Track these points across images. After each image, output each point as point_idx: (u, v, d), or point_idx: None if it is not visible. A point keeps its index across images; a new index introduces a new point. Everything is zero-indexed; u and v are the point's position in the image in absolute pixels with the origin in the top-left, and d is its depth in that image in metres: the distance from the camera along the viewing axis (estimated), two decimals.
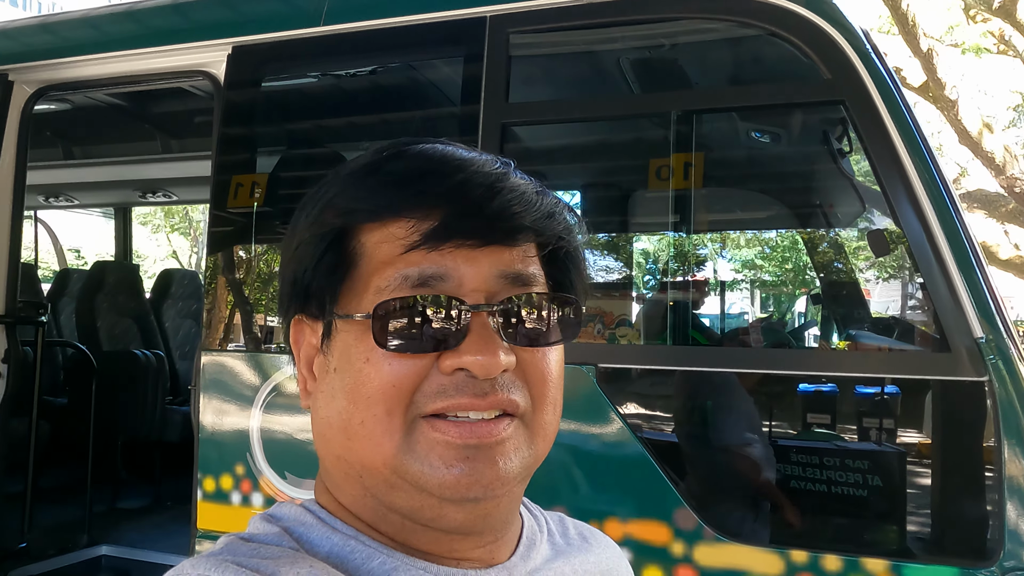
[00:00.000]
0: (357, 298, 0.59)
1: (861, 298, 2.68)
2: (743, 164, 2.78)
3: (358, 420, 0.58)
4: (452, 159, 0.60)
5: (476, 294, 0.58)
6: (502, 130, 2.15)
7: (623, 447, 1.98)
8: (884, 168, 1.84)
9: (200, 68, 2.60)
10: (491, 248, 0.58)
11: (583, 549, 0.74)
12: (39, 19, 3.16)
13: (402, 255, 0.57)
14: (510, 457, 0.58)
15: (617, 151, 2.67)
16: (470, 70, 2.25)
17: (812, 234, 2.94)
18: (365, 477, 0.59)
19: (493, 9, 2.21)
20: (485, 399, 0.57)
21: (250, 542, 0.58)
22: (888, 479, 1.91)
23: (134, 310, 4.61)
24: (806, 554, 1.82)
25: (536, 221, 0.59)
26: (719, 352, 2.25)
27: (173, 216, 22.92)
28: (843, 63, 1.89)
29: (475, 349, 0.56)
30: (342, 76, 2.68)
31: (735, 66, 2.39)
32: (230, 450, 2.35)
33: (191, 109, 3.89)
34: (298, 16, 2.47)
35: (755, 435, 2.02)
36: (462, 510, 0.58)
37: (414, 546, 0.60)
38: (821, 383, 2.05)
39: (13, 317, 2.80)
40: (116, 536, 3.49)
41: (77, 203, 5.37)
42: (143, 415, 3.97)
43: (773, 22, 1.96)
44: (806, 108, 2.29)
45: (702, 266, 4.45)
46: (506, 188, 0.59)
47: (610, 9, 2.12)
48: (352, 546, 0.59)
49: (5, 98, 2.82)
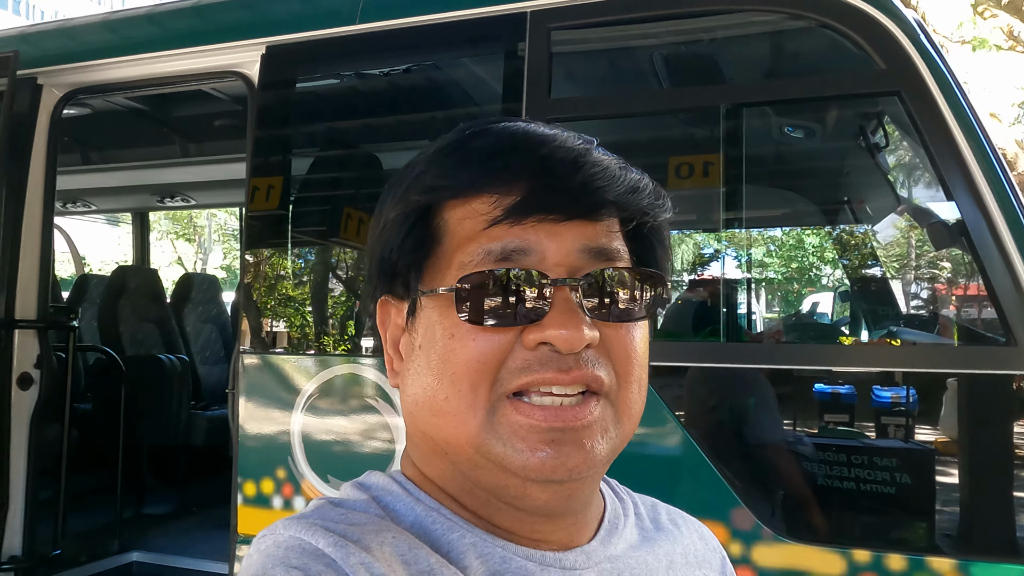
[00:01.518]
0: (441, 274, 0.59)
1: (919, 293, 2.65)
2: (792, 159, 2.75)
3: (443, 396, 0.58)
4: (535, 135, 0.60)
5: (559, 268, 0.57)
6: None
7: (677, 447, 1.95)
8: (943, 159, 1.81)
9: (233, 69, 2.58)
10: (574, 223, 0.58)
11: (672, 537, 0.72)
12: (68, 22, 3.15)
13: (485, 230, 0.57)
14: (598, 439, 0.57)
15: (661, 147, 2.64)
16: (511, 66, 2.22)
17: (867, 229, 2.91)
18: (451, 454, 0.60)
19: (534, 4, 2.18)
20: (569, 374, 0.56)
21: (339, 507, 0.59)
22: (952, 477, 1.88)
23: (155, 315, 4.59)
24: (869, 553, 1.79)
25: (619, 196, 0.59)
26: (774, 349, 2.22)
27: (177, 222, 22.95)
28: (899, 54, 1.86)
29: (558, 323, 0.55)
30: (378, 75, 2.65)
31: (783, 59, 2.36)
32: (271, 454, 2.32)
33: (211, 112, 3.87)
34: (333, 15, 2.45)
35: (813, 433, 1.99)
36: (546, 490, 0.57)
37: (497, 524, 0.61)
38: (880, 379, 2.02)
39: (45, 322, 2.78)
40: (145, 542, 3.47)
41: (95, 208, 5.36)
42: (169, 420, 3.95)
43: (826, 13, 1.93)
44: (854, 101, 2.25)
45: (755, 263, 4.43)
46: (589, 163, 0.58)
47: (655, 3, 2.09)
48: (434, 517, 0.60)
49: (35, 102, 2.80)
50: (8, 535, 2.66)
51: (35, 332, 2.74)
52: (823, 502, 1.98)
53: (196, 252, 25.19)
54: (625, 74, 2.56)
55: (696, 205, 2.51)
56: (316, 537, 0.54)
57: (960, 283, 2.49)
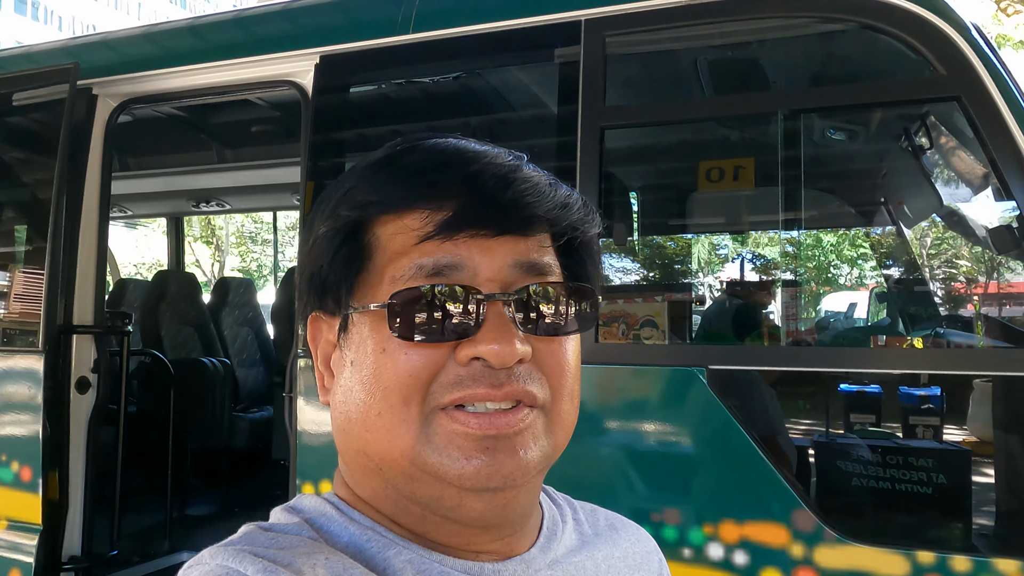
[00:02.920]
0: (372, 289, 0.59)
1: (978, 294, 2.65)
2: (847, 162, 2.76)
3: (375, 411, 0.58)
4: (466, 151, 0.60)
5: (491, 284, 0.58)
6: (600, 133, 2.15)
7: (737, 449, 1.97)
8: (1005, 162, 1.83)
9: (286, 78, 2.63)
10: (505, 238, 0.58)
11: (611, 541, 0.73)
12: (122, 32, 3.21)
13: (417, 245, 0.58)
14: (530, 446, 0.58)
15: (716, 151, 2.66)
16: (565, 74, 2.25)
17: (923, 231, 2.91)
18: (384, 470, 0.59)
19: (588, 13, 2.21)
20: (501, 389, 0.56)
21: (269, 531, 0.59)
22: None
23: (195, 319, 4.66)
24: (933, 555, 1.80)
25: (550, 211, 0.59)
26: (833, 352, 2.24)
27: (194, 226, 23.15)
28: (958, 58, 1.88)
29: (491, 338, 0.56)
30: (431, 83, 2.69)
31: (836, 65, 2.37)
32: (331, 456, 2.36)
33: (249, 119, 3.93)
34: (386, 24, 2.49)
35: (874, 435, 2.00)
36: (481, 500, 0.57)
37: (433, 538, 0.60)
38: (933, 382, 2.03)
39: (102, 327, 2.84)
40: (193, 542, 3.52)
41: (130, 214, 5.43)
42: (212, 423, 4.01)
43: (884, 19, 1.95)
44: (910, 106, 2.27)
45: (815, 265, 4.42)
46: (519, 179, 0.59)
47: (711, 10, 2.11)
48: (369, 536, 0.59)
49: (90, 112, 2.86)
50: (68, 536, 2.72)
51: (92, 337, 2.80)
52: (886, 504, 1.99)
53: (213, 255, 25.40)
54: (677, 81, 2.58)
55: (752, 207, 2.52)
56: (244, 564, 0.52)
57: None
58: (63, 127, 2.69)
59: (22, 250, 2.97)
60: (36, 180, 3.09)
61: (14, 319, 2.88)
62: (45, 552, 2.62)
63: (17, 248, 3.04)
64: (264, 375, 4.97)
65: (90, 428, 2.78)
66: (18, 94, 2.98)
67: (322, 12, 2.74)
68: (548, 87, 2.35)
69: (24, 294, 2.88)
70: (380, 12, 2.58)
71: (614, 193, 2.95)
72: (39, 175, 3.05)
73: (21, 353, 2.72)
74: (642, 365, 2.10)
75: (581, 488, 1.97)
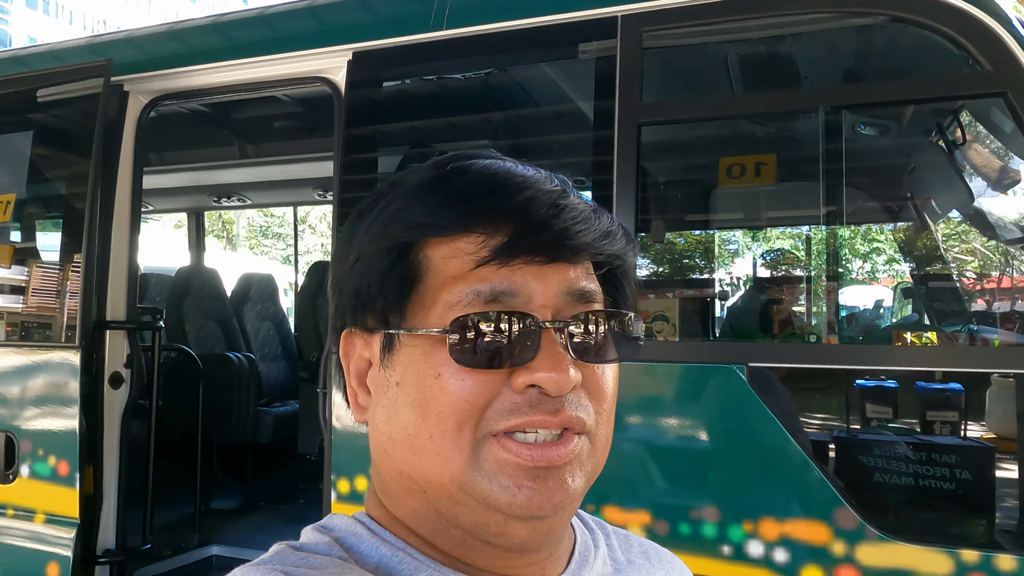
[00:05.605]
0: (424, 312, 0.59)
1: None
2: (889, 157, 2.74)
3: (426, 435, 0.57)
4: (516, 176, 0.61)
5: (544, 310, 0.58)
6: (638, 130, 2.14)
7: (778, 447, 1.96)
8: None
9: (319, 74, 2.63)
10: (557, 265, 0.59)
11: (644, 570, 0.73)
12: (152, 29, 3.21)
13: (472, 270, 0.57)
14: (577, 474, 0.58)
15: (753, 147, 2.65)
16: (602, 70, 2.24)
17: (969, 228, 2.89)
18: (429, 492, 0.59)
19: (625, 9, 2.20)
20: (556, 416, 0.57)
21: (300, 551, 0.59)
22: None
23: (218, 313, 4.68)
24: (977, 554, 1.79)
25: (596, 240, 0.60)
26: (875, 351, 2.23)
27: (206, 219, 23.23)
28: (1005, 55, 1.86)
29: (548, 366, 0.56)
30: (464, 79, 2.69)
31: (877, 60, 2.36)
32: (366, 452, 2.37)
33: (271, 114, 3.94)
34: (419, 20, 2.48)
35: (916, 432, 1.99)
36: (527, 527, 0.58)
37: (470, 562, 0.60)
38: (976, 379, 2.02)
39: (135, 323, 2.86)
40: (222, 536, 3.55)
41: (151, 209, 5.46)
42: (238, 417, 4.04)
43: (926, 13, 1.93)
44: (952, 102, 2.25)
45: (860, 262, 4.40)
46: (568, 206, 0.59)
47: (749, 4, 2.10)
48: (400, 557, 0.59)
49: (122, 108, 2.87)
50: (103, 529, 2.75)
51: (124, 333, 2.82)
52: (930, 503, 1.99)
53: (224, 248, 25.53)
54: (715, 76, 2.57)
55: (793, 201, 2.51)
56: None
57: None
58: (97, 124, 2.70)
59: (56, 246, 2.99)
60: (67, 176, 3.11)
61: (47, 314, 2.91)
62: (82, 545, 2.65)
63: (51, 244, 3.06)
64: (287, 369, 5.00)
65: (123, 423, 2.80)
66: (49, 90, 2.99)
67: (355, 8, 2.74)
68: (582, 84, 2.34)
69: (57, 289, 2.90)
70: (413, 8, 2.58)
71: (648, 188, 2.94)
72: (70, 171, 3.07)
73: (57, 349, 2.75)
74: (681, 363, 2.10)
75: (619, 485, 1.97)
